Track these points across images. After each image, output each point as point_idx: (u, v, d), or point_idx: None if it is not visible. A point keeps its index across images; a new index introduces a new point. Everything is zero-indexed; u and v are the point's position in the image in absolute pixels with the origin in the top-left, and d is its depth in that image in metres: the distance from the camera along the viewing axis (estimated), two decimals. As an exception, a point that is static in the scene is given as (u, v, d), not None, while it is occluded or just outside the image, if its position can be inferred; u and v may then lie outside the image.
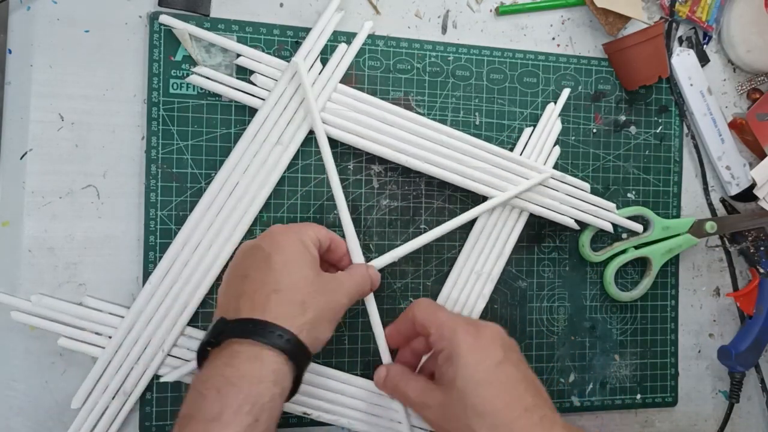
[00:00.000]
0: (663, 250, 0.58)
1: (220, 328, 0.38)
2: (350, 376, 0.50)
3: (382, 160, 0.52)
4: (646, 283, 0.58)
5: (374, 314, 0.49)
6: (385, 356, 0.49)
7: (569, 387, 0.57)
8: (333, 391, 0.49)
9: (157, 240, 0.48)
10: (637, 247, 0.58)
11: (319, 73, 0.49)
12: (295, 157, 0.50)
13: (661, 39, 0.57)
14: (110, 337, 0.46)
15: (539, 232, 0.56)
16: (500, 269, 0.54)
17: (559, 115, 0.56)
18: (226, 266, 0.47)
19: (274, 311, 0.38)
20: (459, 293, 0.53)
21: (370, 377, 0.49)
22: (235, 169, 0.48)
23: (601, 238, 0.58)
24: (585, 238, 0.56)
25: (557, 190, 0.55)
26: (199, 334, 0.48)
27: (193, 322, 0.48)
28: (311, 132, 0.49)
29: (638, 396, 0.59)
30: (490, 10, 0.56)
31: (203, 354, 0.39)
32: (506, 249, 0.54)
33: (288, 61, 0.49)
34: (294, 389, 0.39)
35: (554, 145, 0.56)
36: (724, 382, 0.62)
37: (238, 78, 0.48)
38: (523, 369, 0.42)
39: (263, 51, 0.49)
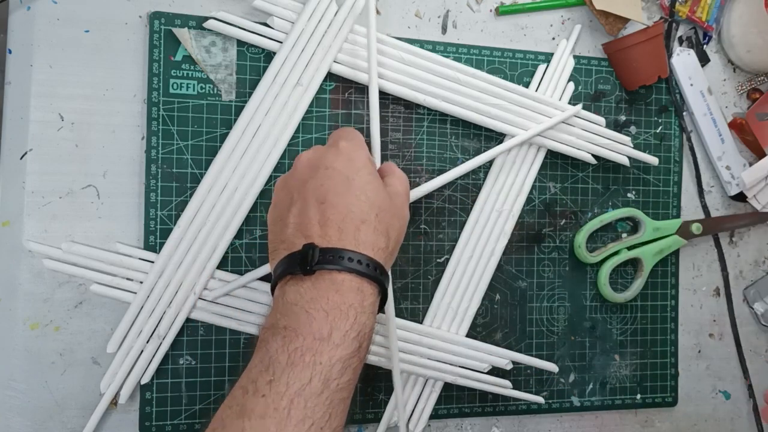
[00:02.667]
0: (654, 251, 0.58)
1: (317, 255, 0.37)
2: (379, 314, 0.51)
3: (382, 160, 0.52)
4: (638, 285, 0.58)
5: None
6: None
7: (569, 387, 0.57)
8: (379, 334, 0.50)
9: (157, 240, 0.48)
10: (629, 249, 0.58)
11: (335, 14, 0.50)
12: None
13: (661, 39, 0.57)
14: (141, 282, 0.47)
15: (539, 232, 0.57)
16: (521, 206, 0.55)
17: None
18: (253, 209, 0.49)
19: (364, 242, 0.38)
20: (481, 231, 0.54)
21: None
22: (257, 111, 0.48)
23: (601, 238, 0.58)
24: (581, 239, 0.56)
25: (573, 126, 0.56)
26: (230, 277, 0.48)
27: (222, 265, 0.48)
28: (328, 76, 0.50)
29: (638, 396, 0.59)
30: (490, 10, 0.56)
31: (284, 275, 0.38)
32: (525, 186, 0.55)
33: (303, 4, 0.49)
34: (381, 307, 0.40)
35: (567, 82, 0.56)
36: (724, 382, 0.62)
37: (258, 23, 0.49)
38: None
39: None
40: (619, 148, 0.57)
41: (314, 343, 0.35)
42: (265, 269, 0.48)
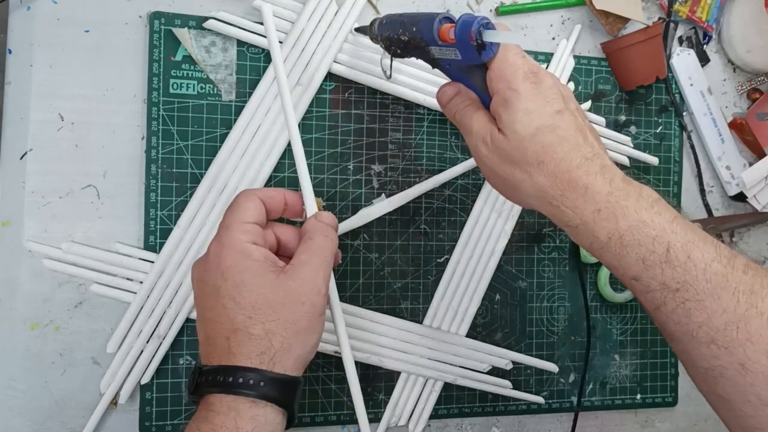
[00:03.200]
0: None
1: (196, 379, 0.36)
2: (379, 314, 0.52)
3: (382, 160, 0.52)
4: None
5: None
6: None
7: (569, 387, 0.57)
8: (364, 329, 0.51)
9: (157, 240, 0.48)
10: (635, 247, 0.58)
11: (335, 14, 0.50)
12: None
13: (660, 39, 0.57)
14: (141, 282, 0.47)
15: (539, 232, 0.57)
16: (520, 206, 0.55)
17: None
18: None
19: (237, 352, 0.35)
20: (481, 231, 0.54)
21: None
22: (257, 111, 0.48)
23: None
24: (585, 238, 0.56)
25: None
26: None
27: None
28: (328, 76, 0.50)
29: (638, 396, 0.59)
30: (490, 10, 0.56)
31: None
32: None
33: (303, 4, 0.49)
34: (291, 416, 0.37)
35: (567, 82, 0.56)
36: (724, 382, 0.62)
37: (258, 23, 0.48)
38: (580, 119, 0.40)
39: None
40: (619, 148, 0.57)
41: None
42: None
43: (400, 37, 0.42)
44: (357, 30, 0.49)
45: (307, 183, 0.42)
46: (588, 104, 0.56)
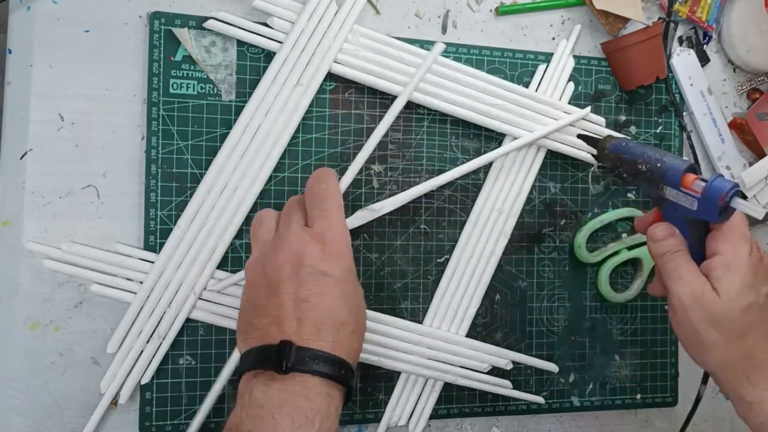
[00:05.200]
0: None
1: (293, 355, 0.37)
2: (380, 314, 0.52)
3: (382, 160, 0.52)
4: (638, 285, 0.58)
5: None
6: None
7: (569, 387, 0.57)
8: (379, 333, 0.51)
9: (157, 240, 0.48)
10: (630, 249, 0.58)
11: (335, 14, 0.50)
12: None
13: (660, 39, 0.57)
14: (141, 282, 0.47)
15: (539, 232, 0.57)
16: (521, 206, 0.55)
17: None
18: (253, 209, 0.48)
19: (341, 345, 0.38)
20: (481, 231, 0.54)
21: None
22: (257, 111, 0.48)
23: (601, 238, 0.58)
24: (581, 239, 0.56)
25: (574, 126, 0.56)
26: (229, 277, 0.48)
27: (222, 265, 0.48)
28: (328, 76, 0.50)
29: (638, 396, 0.59)
30: (490, 10, 0.56)
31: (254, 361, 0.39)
32: (525, 186, 0.55)
33: (303, 4, 0.49)
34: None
35: (567, 82, 0.56)
36: (724, 382, 0.62)
37: (258, 23, 0.49)
38: None
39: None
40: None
41: None
42: None
43: (637, 166, 0.45)
44: (581, 137, 0.53)
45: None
46: (587, 110, 0.56)
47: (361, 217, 0.49)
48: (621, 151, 0.46)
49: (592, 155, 0.54)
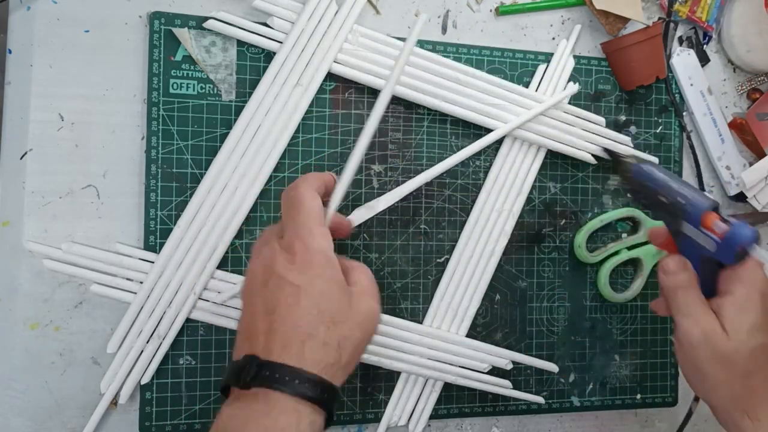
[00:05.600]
0: (654, 251, 0.58)
1: (252, 369, 0.35)
2: (395, 318, 0.52)
3: (382, 160, 0.52)
4: (638, 285, 0.58)
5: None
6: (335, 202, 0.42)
7: (569, 387, 0.57)
8: (379, 333, 0.51)
9: (157, 240, 0.48)
10: (629, 249, 0.58)
11: (335, 14, 0.50)
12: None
13: (660, 39, 0.57)
14: (141, 283, 0.47)
15: (539, 232, 0.57)
16: (520, 206, 0.55)
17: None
18: (253, 209, 0.48)
19: (309, 359, 0.35)
20: (481, 231, 0.54)
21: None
22: (257, 111, 0.48)
23: (601, 238, 0.58)
24: (581, 239, 0.56)
25: (573, 126, 0.56)
26: (229, 277, 0.48)
27: (222, 265, 0.49)
28: (328, 76, 0.50)
29: (638, 396, 0.59)
30: (490, 10, 0.56)
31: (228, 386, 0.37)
32: (525, 186, 0.55)
33: (303, 4, 0.49)
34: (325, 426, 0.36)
35: (568, 82, 0.56)
36: (724, 382, 0.62)
37: (258, 23, 0.49)
38: None
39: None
40: (619, 148, 0.57)
41: None
42: None
43: (658, 197, 0.44)
44: (607, 151, 0.53)
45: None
46: (570, 90, 0.56)
47: (360, 215, 0.49)
48: (644, 178, 0.45)
49: (614, 170, 0.54)
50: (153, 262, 0.47)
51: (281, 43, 0.49)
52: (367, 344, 0.39)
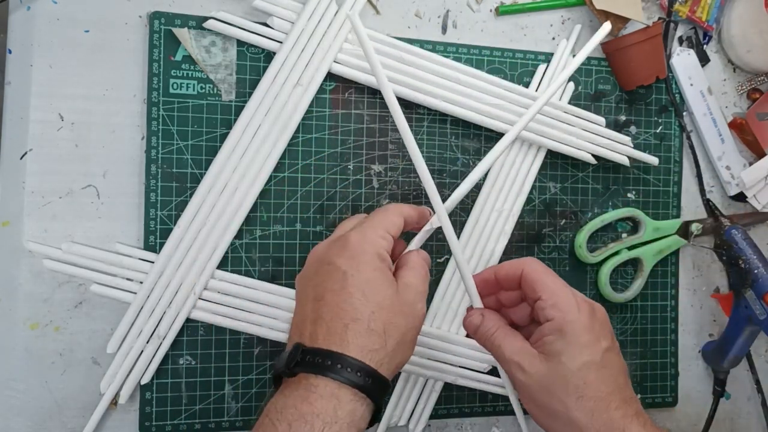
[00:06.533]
0: (654, 251, 0.58)
1: (296, 356, 0.36)
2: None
3: (382, 160, 0.52)
4: (638, 284, 0.58)
5: (458, 251, 0.43)
6: (476, 300, 0.43)
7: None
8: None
9: (156, 240, 0.48)
10: (630, 249, 0.58)
11: (335, 14, 0.50)
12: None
13: (660, 39, 0.57)
14: (141, 283, 0.47)
15: (539, 232, 0.56)
16: (520, 206, 0.55)
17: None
18: (253, 209, 0.49)
19: (352, 343, 0.35)
20: (481, 231, 0.54)
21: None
22: (257, 111, 0.48)
23: (601, 238, 0.58)
24: (581, 239, 0.56)
25: (573, 126, 0.56)
26: (229, 277, 0.48)
27: (222, 265, 0.49)
28: (328, 76, 0.50)
29: (638, 396, 0.59)
30: (490, 10, 0.56)
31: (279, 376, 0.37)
32: (525, 186, 0.55)
33: (303, 4, 0.49)
34: (373, 420, 0.37)
35: (568, 82, 0.56)
36: (724, 382, 0.62)
37: (258, 23, 0.49)
38: (622, 359, 0.41)
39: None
40: (619, 148, 0.57)
41: None
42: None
43: (738, 261, 0.55)
44: (708, 203, 0.60)
45: (437, 199, 0.43)
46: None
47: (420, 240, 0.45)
48: (733, 241, 0.56)
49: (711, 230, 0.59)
50: (153, 262, 0.47)
51: (281, 43, 0.49)
52: (413, 337, 0.39)
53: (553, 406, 0.39)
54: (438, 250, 0.54)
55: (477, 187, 0.55)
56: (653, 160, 0.58)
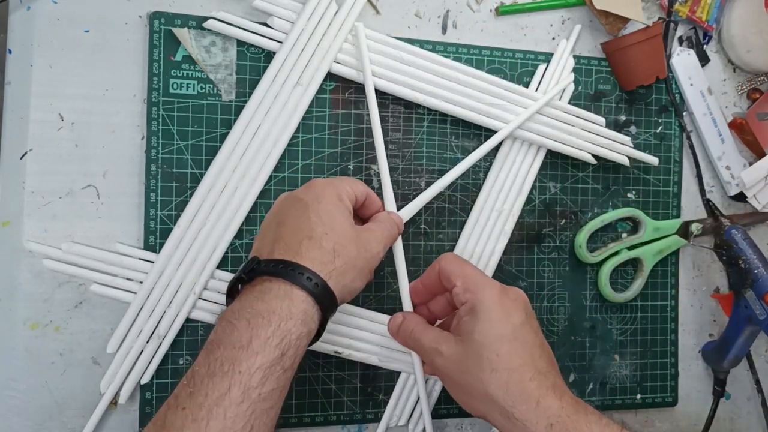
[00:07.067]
0: (654, 251, 0.58)
1: (253, 266, 0.39)
2: (380, 314, 0.51)
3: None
4: (638, 284, 0.58)
5: (401, 263, 0.50)
6: (407, 304, 0.49)
7: (569, 387, 0.57)
8: (363, 329, 0.51)
9: (156, 240, 0.48)
10: (630, 249, 0.58)
11: (335, 14, 0.50)
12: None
13: (660, 39, 0.57)
14: (141, 282, 0.47)
15: (539, 232, 0.57)
16: (520, 206, 0.55)
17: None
18: (253, 209, 0.49)
19: (305, 255, 0.39)
20: (481, 231, 0.54)
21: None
22: (257, 111, 0.48)
23: (601, 238, 0.58)
24: (581, 239, 0.56)
25: (573, 126, 0.56)
26: (229, 277, 0.48)
27: (222, 265, 0.49)
28: (328, 76, 0.50)
29: (638, 396, 0.59)
30: (490, 10, 0.56)
31: (234, 290, 0.40)
32: (525, 186, 0.55)
33: (303, 4, 0.49)
34: (318, 333, 0.40)
35: (568, 82, 0.56)
36: (724, 382, 0.62)
37: (258, 23, 0.49)
38: (540, 336, 0.43)
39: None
40: (619, 148, 0.57)
41: (233, 352, 0.35)
42: None
43: (738, 261, 0.55)
44: (708, 208, 0.60)
45: (389, 189, 0.49)
46: (571, 87, 0.56)
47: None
48: (733, 241, 0.55)
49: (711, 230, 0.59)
50: (153, 262, 0.47)
51: (281, 43, 0.49)
52: (364, 269, 0.42)
53: (470, 383, 0.41)
54: (438, 250, 0.54)
55: (477, 187, 0.55)
56: (653, 160, 0.58)
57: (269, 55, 0.50)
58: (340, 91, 0.51)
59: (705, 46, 0.62)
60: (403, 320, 0.48)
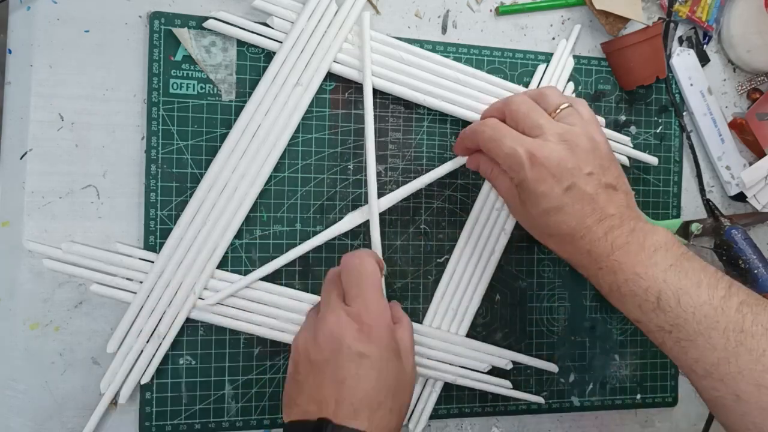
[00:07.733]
0: None
1: (327, 430, 0.38)
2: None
3: (382, 160, 0.52)
4: None
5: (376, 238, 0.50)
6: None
7: (569, 387, 0.57)
8: None
9: (156, 240, 0.48)
10: (635, 248, 0.58)
11: (335, 14, 0.50)
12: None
13: (660, 39, 0.57)
14: (141, 282, 0.47)
15: (539, 232, 0.57)
16: None
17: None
18: (253, 209, 0.49)
19: (378, 426, 0.39)
20: (481, 231, 0.54)
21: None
22: (257, 111, 0.48)
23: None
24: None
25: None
26: (229, 277, 0.48)
27: (222, 265, 0.49)
28: (328, 76, 0.50)
29: (638, 396, 0.59)
30: (490, 10, 0.56)
31: None
32: None
33: (303, 3, 0.49)
34: None
35: (567, 82, 0.56)
36: (724, 382, 0.62)
37: (258, 23, 0.49)
38: (592, 183, 0.42)
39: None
40: (619, 148, 0.57)
41: None
42: (266, 269, 0.48)
43: (738, 261, 0.55)
44: (708, 203, 0.59)
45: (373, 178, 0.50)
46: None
47: (354, 219, 0.50)
48: (733, 241, 0.56)
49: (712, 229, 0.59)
50: (153, 262, 0.47)
51: (281, 43, 0.49)
52: (409, 403, 0.43)
53: (539, 237, 0.46)
54: (438, 250, 0.54)
55: (477, 187, 0.55)
56: (653, 160, 0.58)
57: (269, 55, 0.50)
58: (340, 91, 0.51)
59: (705, 46, 0.62)
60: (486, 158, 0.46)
